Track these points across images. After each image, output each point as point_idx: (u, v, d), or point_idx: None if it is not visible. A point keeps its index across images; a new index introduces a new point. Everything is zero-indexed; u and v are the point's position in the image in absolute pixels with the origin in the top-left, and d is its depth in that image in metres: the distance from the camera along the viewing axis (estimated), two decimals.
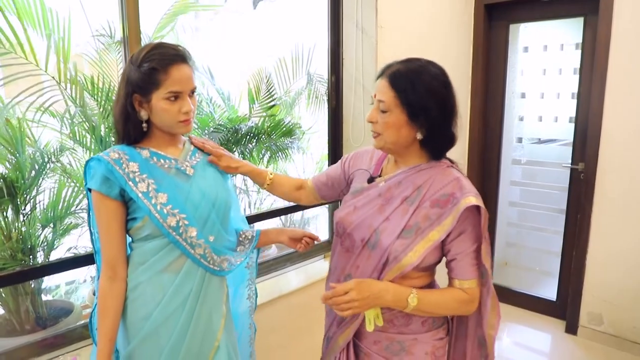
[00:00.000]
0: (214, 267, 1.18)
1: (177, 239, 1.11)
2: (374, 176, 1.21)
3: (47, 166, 1.86)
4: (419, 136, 1.09)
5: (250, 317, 1.45)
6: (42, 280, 1.99)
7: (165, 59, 1.07)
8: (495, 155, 3.10)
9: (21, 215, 1.81)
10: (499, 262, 3.26)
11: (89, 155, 1.95)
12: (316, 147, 2.99)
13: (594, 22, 2.54)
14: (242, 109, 2.71)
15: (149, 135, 1.17)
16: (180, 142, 1.24)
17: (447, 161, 1.16)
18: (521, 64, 3.03)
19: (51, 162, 1.88)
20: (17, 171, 1.74)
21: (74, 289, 2.34)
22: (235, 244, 1.32)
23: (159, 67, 1.07)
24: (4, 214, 1.76)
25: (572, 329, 2.76)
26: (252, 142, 2.57)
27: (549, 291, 2.98)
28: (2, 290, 1.82)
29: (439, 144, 1.12)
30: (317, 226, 3.25)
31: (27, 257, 1.82)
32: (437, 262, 1.16)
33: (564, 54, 2.90)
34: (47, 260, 1.91)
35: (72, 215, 1.96)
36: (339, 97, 2.40)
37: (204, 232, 1.16)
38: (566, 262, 2.84)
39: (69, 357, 1.41)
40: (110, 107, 1.88)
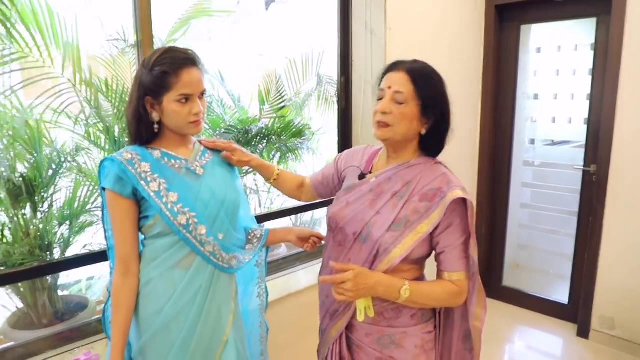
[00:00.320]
0: (223, 264, 1.21)
1: (187, 236, 1.14)
2: (365, 173, 1.26)
3: (63, 166, 1.92)
4: (423, 131, 1.15)
5: (260, 315, 1.47)
6: (59, 276, 2.05)
7: (175, 63, 1.11)
8: (506, 156, 3.08)
9: (39, 212, 1.87)
10: (509, 264, 3.24)
11: (103, 155, 2.00)
12: (326, 148, 3.01)
13: (606, 23, 2.52)
14: (253, 110, 2.75)
15: (160, 136, 1.20)
16: (190, 143, 1.27)
17: (435, 159, 1.21)
18: (534, 65, 3.00)
19: (67, 161, 1.93)
20: (35, 170, 1.80)
21: (90, 285, 2.40)
22: (244, 242, 1.35)
23: (170, 70, 1.10)
24: (23, 211, 1.82)
25: (583, 332, 2.72)
26: (262, 143, 2.60)
27: (561, 294, 2.95)
28: (21, 285, 1.89)
29: (437, 142, 1.18)
30: (326, 227, 3.26)
31: (44, 253, 1.88)
32: (426, 255, 1.19)
33: (578, 54, 2.85)
34: (64, 256, 1.96)
35: (87, 213, 2.02)
36: (348, 98, 2.42)
37: (213, 230, 1.19)
38: (578, 265, 2.81)
39: (84, 350, 1.45)
40: (123, 108, 1.93)
